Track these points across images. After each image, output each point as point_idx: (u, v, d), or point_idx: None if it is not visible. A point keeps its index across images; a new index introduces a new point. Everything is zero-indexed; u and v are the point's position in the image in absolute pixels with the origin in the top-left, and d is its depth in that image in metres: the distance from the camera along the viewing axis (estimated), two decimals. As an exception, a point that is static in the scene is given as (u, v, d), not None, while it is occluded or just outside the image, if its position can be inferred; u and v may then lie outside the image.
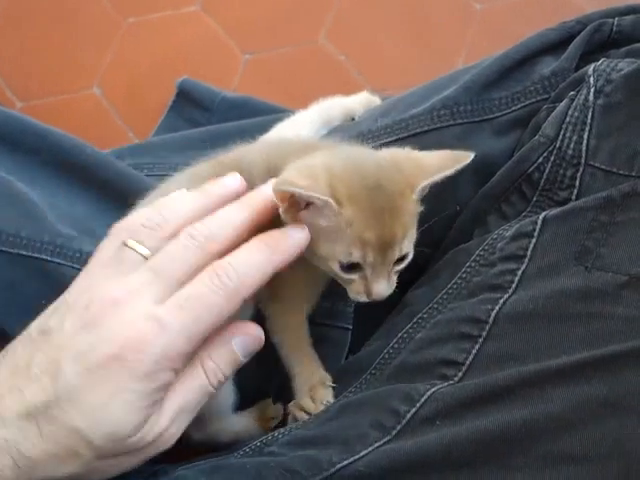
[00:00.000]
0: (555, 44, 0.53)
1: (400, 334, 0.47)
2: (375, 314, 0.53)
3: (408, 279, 0.53)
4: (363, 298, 0.44)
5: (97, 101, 0.77)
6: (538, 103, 0.51)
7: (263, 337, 0.42)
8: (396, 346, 0.47)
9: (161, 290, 0.38)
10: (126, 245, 0.39)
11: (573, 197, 0.46)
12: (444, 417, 0.41)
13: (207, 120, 0.72)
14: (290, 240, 0.40)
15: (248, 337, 0.41)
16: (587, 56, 0.51)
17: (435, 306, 0.47)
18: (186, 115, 0.73)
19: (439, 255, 0.52)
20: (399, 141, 0.53)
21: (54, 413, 0.37)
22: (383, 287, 0.43)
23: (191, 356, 0.39)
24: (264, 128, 0.63)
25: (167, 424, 0.39)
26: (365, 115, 0.59)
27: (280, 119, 0.64)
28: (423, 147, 0.45)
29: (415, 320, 0.47)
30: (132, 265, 0.39)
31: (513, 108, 0.52)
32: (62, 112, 0.77)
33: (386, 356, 0.47)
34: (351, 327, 0.56)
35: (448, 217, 0.53)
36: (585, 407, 0.39)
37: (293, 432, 0.46)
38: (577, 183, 0.46)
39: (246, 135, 0.62)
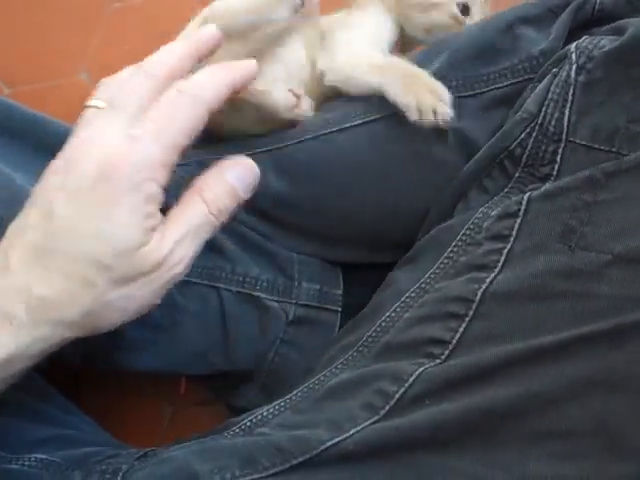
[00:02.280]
0: (536, 18, 0.52)
1: (388, 313, 0.47)
2: (363, 297, 0.54)
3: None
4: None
5: (84, 86, 0.76)
6: (525, 82, 0.51)
7: (257, 170, 0.44)
8: (384, 324, 0.47)
9: (125, 118, 0.40)
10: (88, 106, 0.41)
11: (554, 172, 0.46)
12: (432, 396, 0.41)
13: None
14: (244, 64, 0.44)
15: (241, 168, 0.43)
16: (570, 34, 0.51)
17: (423, 286, 0.47)
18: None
19: (421, 233, 0.52)
20: (386, 117, 0.53)
21: (56, 246, 0.38)
22: None
23: (171, 168, 0.40)
24: None
25: (172, 246, 0.40)
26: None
27: None
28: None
29: (403, 299, 0.47)
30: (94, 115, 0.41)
31: (499, 85, 0.52)
32: (49, 98, 0.76)
33: (373, 334, 0.47)
34: (340, 309, 0.56)
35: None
36: (570, 385, 0.39)
37: (283, 413, 0.46)
38: (558, 159, 0.46)
39: None
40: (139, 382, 0.62)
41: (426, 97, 0.50)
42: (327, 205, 0.54)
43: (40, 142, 0.52)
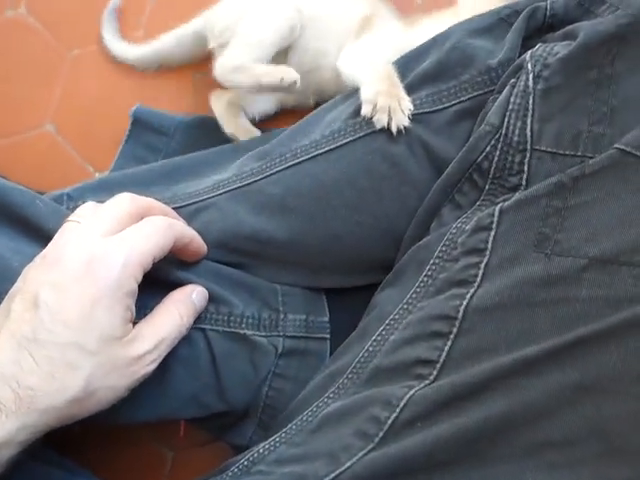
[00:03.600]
0: (489, 29, 0.53)
1: (374, 337, 0.48)
2: (351, 320, 0.54)
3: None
4: None
5: (51, 138, 0.76)
6: (486, 94, 0.51)
7: (207, 294, 0.52)
8: (371, 349, 0.47)
9: (105, 227, 0.46)
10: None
11: (523, 182, 0.46)
12: (424, 419, 0.41)
13: (166, 145, 0.72)
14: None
15: (201, 291, 0.51)
16: (524, 42, 0.51)
17: (405, 306, 0.47)
18: (144, 142, 0.73)
19: (400, 253, 0.53)
20: (367, 135, 0.53)
21: (43, 337, 0.41)
22: None
23: (146, 269, 0.46)
24: (227, 154, 0.63)
25: (151, 346, 0.45)
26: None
27: (245, 143, 0.65)
28: (387, 139, 0.52)
29: (387, 322, 0.48)
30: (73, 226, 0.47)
31: (462, 98, 0.52)
32: (17, 153, 0.76)
33: (362, 360, 0.47)
34: (329, 336, 0.56)
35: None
36: (560, 394, 0.39)
37: (279, 448, 0.46)
38: (525, 168, 0.46)
39: (209, 163, 0.62)
40: (137, 431, 0.62)
41: (388, 100, 0.52)
42: (305, 235, 0.54)
43: (4, 211, 0.52)
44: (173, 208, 0.56)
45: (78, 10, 0.81)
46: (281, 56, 0.65)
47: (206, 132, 0.70)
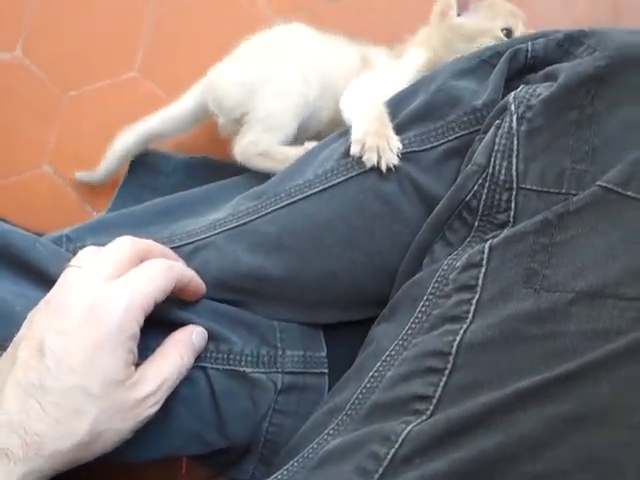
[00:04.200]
0: (472, 70, 0.55)
1: (371, 373, 0.48)
2: (348, 354, 0.55)
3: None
4: None
5: (49, 179, 0.77)
6: (472, 134, 0.53)
7: (207, 334, 0.53)
8: (368, 386, 0.48)
9: (106, 272, 0.47)
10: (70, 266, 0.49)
11: (511, 219, 0.48)
12: (422, 454, 0.42)
13: (164, 184, 0.74)
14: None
15: (200, 331, 0.53)
16: (507, 82, 0.53)
17: (401, 342, 0.49)
18: (142, 181, 0.74)
19: (394, 288, 0.54)
20: (359, 175, 0.55)
21: (49, 384, 0.42)
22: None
23: (148, 312, 0.47)
24: (223, 192, 0.65)
25: (153, 389, 0.47)
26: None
27: (240, 180, 0.66)
28: (377, 178, 0.54)
29: (384, 358, 0.49)
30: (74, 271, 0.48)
31: (449, 137, 0.53)
32: (15, 194, 0.77)
33: (360, 396, 0.48)
34: (327, 371, 0.58)
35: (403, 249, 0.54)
36: (554, 426, 0.40)
37: None
38: (513, 205, 0.48)
39: (206, 201, 0.64)
40: (140, 468, 0.62)
41: (376, 140, 0.53)
42: (300, 272, 0.56)
43: (4, 254, 0.53)
44: (171, 248, 0.57)
45: (73, 52, 0.83)
46: None
47: (204, 171, 0.72)
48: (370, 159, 0.53)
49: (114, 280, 0.47)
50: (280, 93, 0.65)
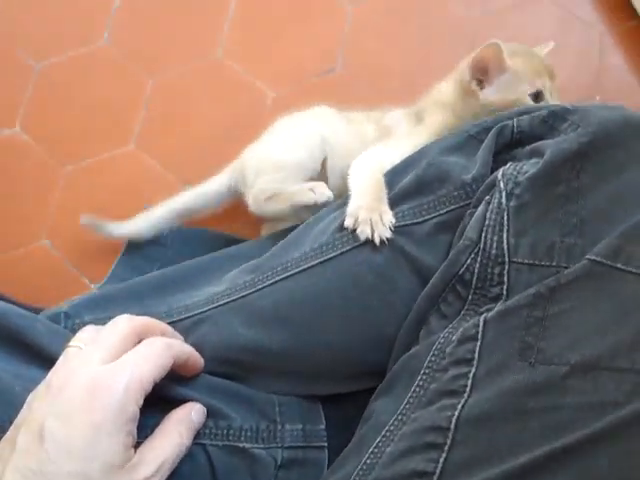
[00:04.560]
0: (460, 146, 0.57)
1: (371, 449, 0.48)
2: (347, 425, 0.55)
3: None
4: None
5: (47, 252, 0.78)
6: (462, 208, 0.54)
7: (205, 411, 0.53)
8: (369, 462, 0.48)
9: (105, 353, 0.47)
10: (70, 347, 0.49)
11: (504, 292, 0.49)
12: None
13: (163, 255, 0.75)
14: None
15: (199, 409, 0.53)
16: (495, 157, 0.54)
17: (400, 417, 0.49)
18: (141, 253, 0.76)
19: (392, 360, 0.54)
20: (354, 248, 0.56)
21: (49, 469, 0.42)
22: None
23: (146, 394, 0.47)
24: (219, 263, 0.66)
25: (152, 471, 0.46)
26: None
27: (236, 252, 0.67)
28: (371, 250, 0.55)
29: (383, 433, 0.49)
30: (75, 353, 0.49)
31: (441, 211, 0.55)
32: (13, 267, 0.78)
33: (360, 472, 0.48)
34: (326, 444, 0.57)
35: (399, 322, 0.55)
36: None
37: None
38: (505, 279, 0.49)
39: (202, 273, 0.64)
40: None
41: (369, 213, 0.55)
42: (298, 344, 0.56)
43: (4, 335, 0.53)
44: (170, 322, 0.58)
45: (70, 127, 0.85)
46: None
47: (202, 242, 0.73)
48: (364, 232, 0.55)
49: (113, 361, 0.47)
50: (286, 146, 0.70)
